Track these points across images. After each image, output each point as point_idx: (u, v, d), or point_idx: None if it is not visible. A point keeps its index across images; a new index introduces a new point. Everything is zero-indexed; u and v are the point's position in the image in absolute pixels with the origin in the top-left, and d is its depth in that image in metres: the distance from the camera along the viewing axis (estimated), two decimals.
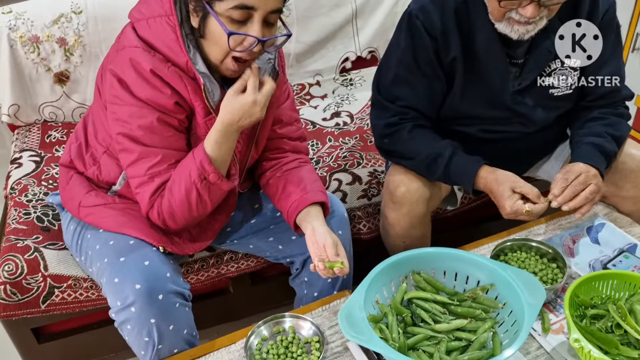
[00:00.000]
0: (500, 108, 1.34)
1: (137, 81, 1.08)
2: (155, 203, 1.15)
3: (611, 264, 1.26)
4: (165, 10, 1.09)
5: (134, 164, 1.13)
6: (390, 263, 1.10)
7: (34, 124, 1.89)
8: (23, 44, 1.76)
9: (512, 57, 1.30)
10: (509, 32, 1.20)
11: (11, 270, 1.33)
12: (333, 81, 2.15)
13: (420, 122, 1.33)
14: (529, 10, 1.13)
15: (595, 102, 1.38)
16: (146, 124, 1.10)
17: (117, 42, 1.16)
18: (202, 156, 1.11)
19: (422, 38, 1.27)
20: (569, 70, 1.32)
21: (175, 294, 1.15)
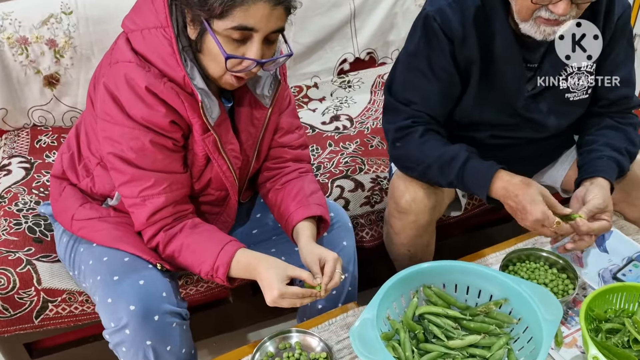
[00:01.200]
0: (513, 114, 1.32)
1: (132, 100, 1.03)
2: (152, 230, 1.13)
3: (621, 273, 1.25)
4: (160, 22, 1.03)
5: (126, 185, 1.10)
6: (401, 277, 1.06)
7: (23, 129, 1.82)
8: (11, 45, 1.69)
9: (528, 61, 1.27)
10: (533, 33, 1.17)
11: (2, 285, 1.28)
12: (331, 83, 2.11)
13: (433, 127, 1.29)
14: (561, 7, 1.09)
15: (607, 109, 1.36)
16: (138, 146, 1.06)
17: (110, 53, 1.10)
18: (223, 262, 1.09)
19: (439, 41, 1.23)
20: (585, 74, 1.30)
21: (171, 314, 1.11)
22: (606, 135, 1.32)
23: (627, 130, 1.34)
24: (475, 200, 1.62)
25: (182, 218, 1.15)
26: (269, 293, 1.05)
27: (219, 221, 1.28)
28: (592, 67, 1.30)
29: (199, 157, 1.14)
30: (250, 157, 1.24)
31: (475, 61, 1.25)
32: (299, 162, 1.31)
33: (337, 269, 1.08)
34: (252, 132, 1.20)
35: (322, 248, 1.12)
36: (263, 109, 1.18)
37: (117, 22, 1.75)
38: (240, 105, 1.18)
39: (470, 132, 1.37)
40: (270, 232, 1.35)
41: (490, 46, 1.24)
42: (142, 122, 1.04)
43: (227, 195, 1.24)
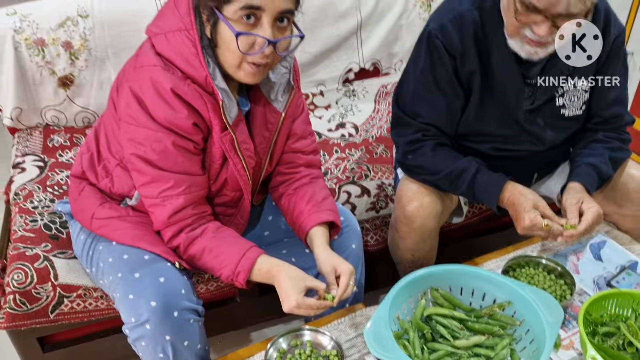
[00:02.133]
0: (513, 126, 1.39)
1: (157, 102, 1.08)
2: (171, 230, 1.17)
3: (614, 280, 1.31)
4: (185, 25, 1.08)
5: (147, 185, 1.14)
6: (410, 280, 1.12)
7: (36, 128, 1.86)
8: (28, 46, 1.73)
9: (527, 77, 1.34)
10: (519, 50, 1.24)
11: (20, 280, 1.31)
12: (336, 91, 2.18)
13: (442, 139, 1.36)
14: (542, 30, 1.16)
15: (600, 126, 1.44)
16: (160, 148, 1.10)
17: (135, 58, 1.15)
18: (245, 268, 1.14)
19: (441, 57, 1.30)
20: (580, 92, 1.37)
21: (189, 311, 1.15)
22: (592, 148, 1.40)
23: (614, 142, 1.41)
24: (476, 208, 1.69)
25: (201, 219, 1.20)
26: (287, 302, 1.10)
27: (233, 223, 1.33)
28: (587, 85, 1.37)
29: (216, 158, 1.19)
30: (263, 160, 1.29)
31: (475, 75, 1.32)
32: (310, 168, 1.36)
33: (350, 281, 1.14)
34: (266, 136, 1.25)
35: (337, 258, 1.18)
36: (277, 114, 1.23)
37: (131, 26, 1.82)
38: (255, 110, 1.23)
39: (472, 143, 1.43)
40: (281, 235, 1.40)
41: (489, 61, 1.31)
42: (165, 124, 1.09)
43: (241, 196, 1.29)
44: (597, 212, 1.25)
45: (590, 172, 1.35)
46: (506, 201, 1.30)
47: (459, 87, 1.33)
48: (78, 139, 1.83)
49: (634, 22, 2.31)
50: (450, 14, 1.30)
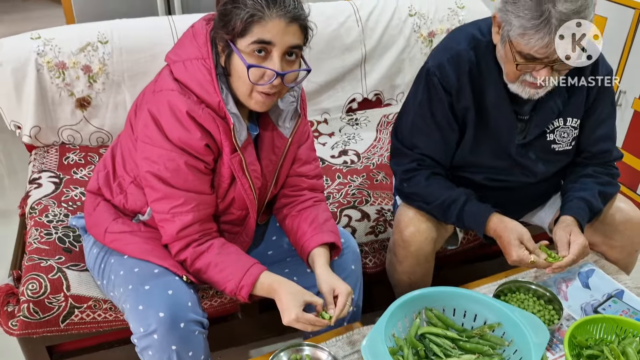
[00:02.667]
0: (505, 159, 1.47)
1: (172, 123, 1.16)
2: (179, 245, 1.24)
3: (601, 307, 1.37)
4: (202, 54, 1.18)
5: (158, 201, 1.22)
6: (406, 300, 1.18)
7: (52, 146, 1.94)
8: (50, 69, 1.83)
9: (519, 113, 1.42)
10: (520, 92, 1.33)
11: (35, 289, 1.37)
12: (340, 120, 2.27)
13: (436, 170, 1.45)
14: (542, 74, 1.25)
15: (590, 160, 1.51)
16: (173, 167, 1.19)
17: (154, 83, 1.24)
18: (249, 282, 1.21)
19: (438, 93, 1.39)
20: (570, 129, 1.45)
21: (195, 323, 1.21)
22: (583, 182, 1.47)
23: (603, 178, 1.48)
24: (470, 236, 1.76)
25: (207, 236, 1.27)
26: (286, 314, 1.17)
27: (238, 241, 1.40)
28: (577, 122, 1.45)
29: (225, 177, 1.27)
30: (269, 182, 1.36)
31: (470, 111, 1.40)
32: (314, 191, 1.44)
33: (347, 301, 1.21)
34: (273, 160, 1.34)
35: (336, 278, 1.25)
36: (283, 139, 1.32)
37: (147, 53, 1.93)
38: (263, 134, 1.32)
39: (467, 174, 1.51)
40: (284, 254, 1.47)
41: (484, 98, 1.40)
42: (179, 144, 1.18)
43: (246, 214, 1.36)
44: (582, 245, 1.32)
45: (582, 205, 1.42)
46: (492, 232, 1.38)
47: (454, 121, 1.42)
48: (92, 158, 1.92)
49: (626, 62, 2.41)
50: (448, 53, 1.38)
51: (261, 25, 1.10)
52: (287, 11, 1.11)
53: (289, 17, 1.11)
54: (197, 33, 1.21)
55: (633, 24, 2.34)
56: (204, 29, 1.20)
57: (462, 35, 1.41)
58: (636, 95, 2.38)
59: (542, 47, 1.19)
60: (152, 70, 1.91)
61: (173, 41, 1.94)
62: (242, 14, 1.10)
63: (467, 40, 1.39)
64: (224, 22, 1.13)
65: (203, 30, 1.20)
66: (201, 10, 2.41)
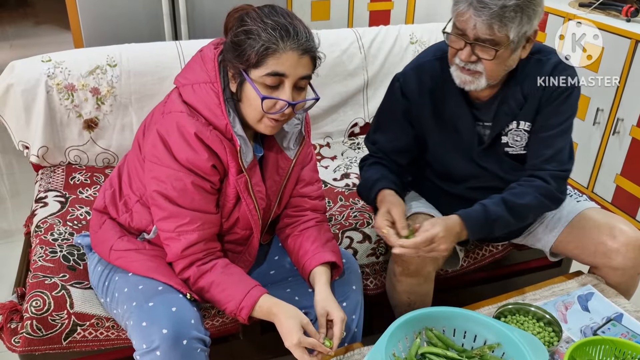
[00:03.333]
0: (473, 166, 1.54)
1: (180, 144, 1.20)
2: (183, 263, 1.27)
3: (600, 330, 1.38)
4: (210, 78, 1.22)
5: (164, 220, 1.25)
6: (407, 319, 1.20)
7: (59, 166, 1.97)
8: (59, 91, 1.87)
9: (479, 119, 1.50)
10: (455, 78, 1.41)
11: (38, 306, 1.39)
12: (342, 144, 2.31)
13: (382, 160, 1.58)
14: (464, 54, 1.35)
15: (528, 171, 1.50)
16: (180, 187, 1.22)
17: (163, 105, 1.28)
18: (249, 303, 1.23)
19: (397, 97, 1.54)
20: (522, 132, 1.49)
21: (197, 340, 1.22)
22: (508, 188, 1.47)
23: (517, 188, 1.45)
24: (471, 258, 1.77)
25: (211, 255, 1.29)
26: (289, 338, 1.19)
27: (241, 260, 1.42)
28: (529, 126, 1.48)
29: (230, 197, 1.30)
30: (272, 203, 1.39)
31: (429, 116, 1.52)
32: (316, 212, 1.46)
33: (342, 329, 1.24)
34: (277, 180, 1.37)
35: (333, 302, 1.28)
36: (288, 160, 1.36)
37: (154, 76, 1.97)
38: (268, 156, 1.35)
39: (452, 185, 1.59)
40: (286, 274, 1.48)
41: (444, 105, 1.50)
42: (186, 164, 1.21)
43: (250, 234, 1.38)
44: (430, 234, 1.32)
45: (477, 207, 1.42)
46: (378, 202, 1.47)
47: (408, 125, 1.55)
48: (98, 178, 1.95)
49: (623, 90, 2.45)
50: (413, 64, 1.55)
51: (275, 57, 1.15)
52: (300, 44, 1.16)
53: (302, 49, 1.16)
54: (206, 58, 1.25)
55: (629, 53, 2.39)
56: (212, 54, 1.24)
57: (432, 48, 1.54)
58: (634, 122, 2.42)
59: (460, 16, 1.31)
60: (159, 93, 1.96)
61: (180, 65, 1.98)
62: (256, 46, 1.14)
63: (434, 52, 1.52)
64: (237, 52, 1.17)
65: (211, 55, 1.24)
66: (207, 35, 2.46)
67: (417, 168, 1.67)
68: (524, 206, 1.44)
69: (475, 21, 1.28)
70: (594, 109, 2.60)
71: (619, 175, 2.54)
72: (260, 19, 1.16)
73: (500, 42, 1.31)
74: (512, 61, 1.39)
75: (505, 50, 1.33)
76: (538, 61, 1.45)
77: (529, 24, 1.32)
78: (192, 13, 2.59)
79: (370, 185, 1.51)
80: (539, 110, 1.46)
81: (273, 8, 1.19)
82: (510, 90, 1.45)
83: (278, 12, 1.18)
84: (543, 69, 1.44)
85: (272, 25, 1.15)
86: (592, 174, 2.70)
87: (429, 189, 1.68)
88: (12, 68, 1.87)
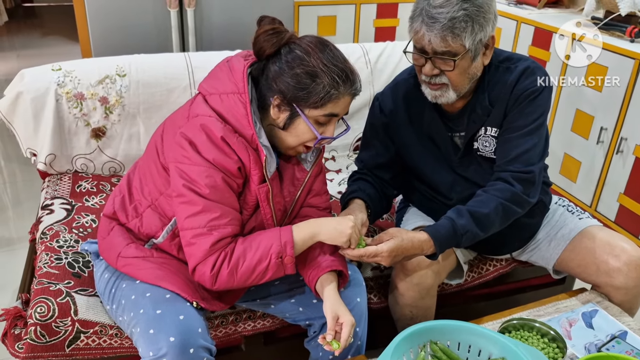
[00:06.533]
0: (453, 174, 1.57)
1: (207, 144, 1.22)
2: (214, 256, 1.22)
3: (604, 348, 1.37)
4: (238, 89, 1.25)
5: (195, 216, 1.23)
6: (411, 332, 1.19)
7: (65, 174, 1.98)
8: (68, 99, 1.89)
9: (453, 129, 1.55)
10: (427, 94, 1.47)
11: (43, 313, 1.39)
12: (347, 157, 2.32)
13: (366, 177, 1.63)
14: (426, 69, 1.40)
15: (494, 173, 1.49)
16: (212, 183, 1.22)
17: (187, 110, 1.30)
18: (288, 238, 1.24)
19: (376, 114, 1.64)
20: (490, 137, 1.51)
21: (204, 349, 1.22)
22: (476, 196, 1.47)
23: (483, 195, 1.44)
24: (475, 272, 1.77)
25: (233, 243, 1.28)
26: (344, 223, 1.30)
27: None
28: (496, 131, 1.49)
29: (249, 205, 1.31)
30: (284, 214, 1.40)
31: (408, 131, 1.58)
32: None
33: (351, 333, 1.25)
34: (291, 191, 1.39)
35: (343, 307, 1.29)
36: (304, 172, 1.39)
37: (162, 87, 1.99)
38: (285, 167, 1.38)
39: (443, 197, 1.61)
40: (291, 284, 1.48)
41: (420, 120, 1.57)
42: (214, 163, 1.22)
43: None
44: (373, 251, 1.34)
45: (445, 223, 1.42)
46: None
47: (389, 140, 1.62)
48: (104, 187, 1.96)
49: (627, 110, 2.47)
50: (392, 83, 1.64)
51: (334, 101, 1.23)
52: (354, 89, 1.27)
53: (354, 94, 1.28)
54: (235, 69, 1.28)
55: (633, 73, 2.41)
56: (242, 65, 1.27)
57: (408, 68, 1.61)
58: (637, 142, 2.44)
59: (415, 33, 1.37)
60: (167, 104, 1.98)
61: (188, 76, 2.00)
62: (320, 92, 1.21)
63: (409, 71, 1.59)
64: (299, 92, 1.22)
65: (240, 67, 1.27)
66: (214, 48, 2.49)
67: (408, 183, 1.70)
68: (487, 216, 1.42)
69: (429, 36, 1.34)
70: (598, 127, 2.61)
71: (623, 194, 2.54)
72: (321, 61, 1.21)
73: (457, 52, 1.35)
74: (475, 69, 1.42)
75: (464, 59, 1.37)
76: (506, 69, 1.48)
77: (482, 31, 1.36)
78: (200, 26, 2.63)
79: (345, 196, 1.59)
80: (506, 115, 1.48)
81: (326, 46, 1.25)
82: (478, 98, 1.49)
83: (334, 53, 1.24)
84: (510, 75, 1.47)
85: (336, 72, 1.22)
86: (596, 192, 2.70)
87: (425, 203, 1.69)
88: (22, 76, 1.89)
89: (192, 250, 1.24)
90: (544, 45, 2.92)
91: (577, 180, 2.81)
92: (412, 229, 1.58)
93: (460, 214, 1.41)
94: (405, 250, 1.36)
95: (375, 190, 1.61)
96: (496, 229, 1.46)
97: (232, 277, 1.24)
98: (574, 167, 2.81)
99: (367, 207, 1.55)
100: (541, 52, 2.94)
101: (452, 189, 1.59)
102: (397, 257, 1.37)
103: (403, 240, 1.36)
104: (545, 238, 1.67)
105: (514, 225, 1.51)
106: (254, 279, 1.25)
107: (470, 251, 1.72)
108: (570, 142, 2.81)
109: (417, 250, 1.38)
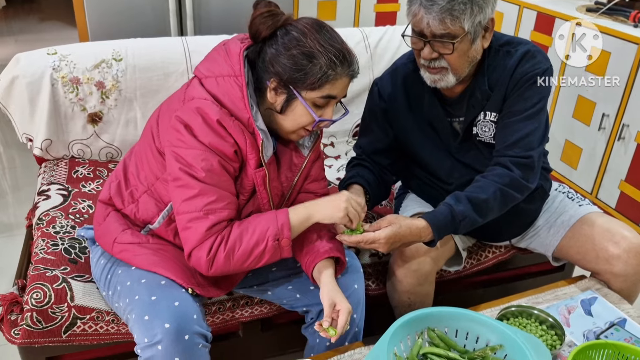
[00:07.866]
0: (452, 160, 1.56)
1: (203, 128, 1.20)
2: (210, 240, 1.21)
3: (603, 335, 1.37)
4: (234, 71, 1.23)
5: (192, 200, 1.21)
6: (409, 319, 1.19)
7: (62, 159, 1.97)
8: (64, 84, 1.87)
9: (453, 115, 1.52)
10: (426, 79, 1.45)
11: (39, 299, 1.38)
12: (346, 143, 2.30)
13: (362, 161, 1.64)
14: (425, 52, 1.38)
15: (494, 158, 1.48)
16: (208, 167, 1.21)
17: (182, 93, 1.28)
18: (285, 220, 1.23)
19: (374, 100, 1.62)
20: (489, 123, 1.49)
21: (199, 335, 1.22)
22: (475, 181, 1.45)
23: (482, 180, 1.43)
24: (474, 259, 1.76)
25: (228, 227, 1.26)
26: (338, 198, 1.28)
27: None
28: (495, 116, 1.48)
29: (246, 190, 1.30)
30: (284, 198, 1.39)
31: (407, 117, 1.57)
32: None
33: (347, 320, 1.25)
34: (289, 177, 1.38)
35: (340, 294, 1.28)
36: (301, 157, 1.37)
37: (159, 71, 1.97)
38: (283, 152, 1.36)
39: (442, 183, 1.61)
40: (288, 271, 1.48)
41: (419, 105, 1.55)
42: (210, 147, 1.21)
43: None
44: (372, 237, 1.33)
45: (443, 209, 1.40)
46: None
47: (388, 127, 1.61)
48: (101, 172, 1.94)
49: (629, 96, 2.45)
50: (390, 68, 1.62)
51: (331, 82, 1.20)
52: (352, 70, 1.24)
53: (352, 74, 1.25)
54: (231, 51, 1.26)
55: (636, 59, 2.39)
56: (239, 48, 1.25)
57: (407, 52, 1.58)
58: (639, 128, 2.41)
59: (414, 16, 1.35)
60: (164, 89, 1.96)
61: (185, 61, 1.98)
62: (317, 73, 1.19)
63: (408, 55, 1.57)
64: (295, 74, 1.19)
65: (237, 49, 1.25)
66: (212, 32, 2.46)
67: (407, 168, 1.69)
68: (486, 201, 1.40)
69: (428, 19, 1.32)
70: (600, 114, 2.59)
71: (624, 181, 2.53)
72: (317, 41, 1.19)
73: (456, 34, 1.33)
74: (475, 52, 1.40)
75: (463, 42, 1.35)
76: (507, 53, 1.46)
77: (482, 13, 1.34)
78: (198, 10, 2.59)
79: (343, 182, 1.59)
80: (505, 99, 1.46)
81: (323, 27, 1.22)
82: (477, 82, 1.46)
83: (331, 34, 1.22)
84: (510, 59, 1.45)
85: (333, 52, 1.19)
86: (597, 179, 2.69)
87: (425, 189, 1.68)
88: (18, 60, 1.87)
89: (188, 235, 1.22)
90: (546, 30, 2.89)
91: (578, 167, 2.80)
92: (411, 216, 1.57)
93: (459, 200, 1.40)
94: (403, 237, 1.35)
95: (374, 176, 1.60)
96: (495, 215, 1.44)
97: (228, 261, 1.22)
98: (575, 154, 2.79)
99: (366, 193, 1.54)
100: (543, 37, 2.90)
101: (451, 174, 1.57)
102: (395, 244, 1.35)
103: (401, 227, 1.35)
104: (544, 225, 1.65)
105: (514, 211, 1.50)
106: (250, 262, 1.24)
107: (469, 238, 1.71)
108: (572, 128, 2.79)
109: (415, 237, 1.37)
